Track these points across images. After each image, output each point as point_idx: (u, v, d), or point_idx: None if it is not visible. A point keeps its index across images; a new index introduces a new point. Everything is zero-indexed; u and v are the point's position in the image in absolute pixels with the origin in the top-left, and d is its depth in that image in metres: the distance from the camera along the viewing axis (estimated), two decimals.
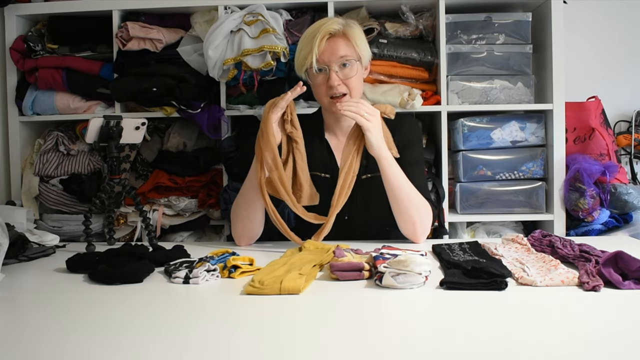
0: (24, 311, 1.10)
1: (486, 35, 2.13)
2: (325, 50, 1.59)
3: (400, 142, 1.68)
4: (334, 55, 1.59)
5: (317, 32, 1.59)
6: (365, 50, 1.66)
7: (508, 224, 2.19)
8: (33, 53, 2.18)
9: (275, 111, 1.56)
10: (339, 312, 1.05)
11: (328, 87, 1.61)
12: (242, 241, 1.67)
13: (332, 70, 1.59)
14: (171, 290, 1.21)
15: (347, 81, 1.61)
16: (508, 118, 2.14)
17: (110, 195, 1.63)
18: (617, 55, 2.48)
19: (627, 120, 2.45)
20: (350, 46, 1.61)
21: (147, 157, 2.21)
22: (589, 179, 2.02)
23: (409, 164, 1.67)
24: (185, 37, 2.17)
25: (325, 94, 1.63)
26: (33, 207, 2.17)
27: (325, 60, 1.60)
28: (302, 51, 1.62)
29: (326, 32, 1.59)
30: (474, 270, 1.14)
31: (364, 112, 1.54)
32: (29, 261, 1.50)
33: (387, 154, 1.57)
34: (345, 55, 1.60)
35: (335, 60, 1.59)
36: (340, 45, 1.60)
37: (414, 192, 1.59)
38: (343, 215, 1.66)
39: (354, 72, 1.62)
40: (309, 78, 1.66)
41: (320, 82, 1.62)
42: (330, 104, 1.63)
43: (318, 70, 1.61)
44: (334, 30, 1.60)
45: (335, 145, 1.73)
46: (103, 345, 0.88)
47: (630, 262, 1.12)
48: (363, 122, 1.53)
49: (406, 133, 1.72)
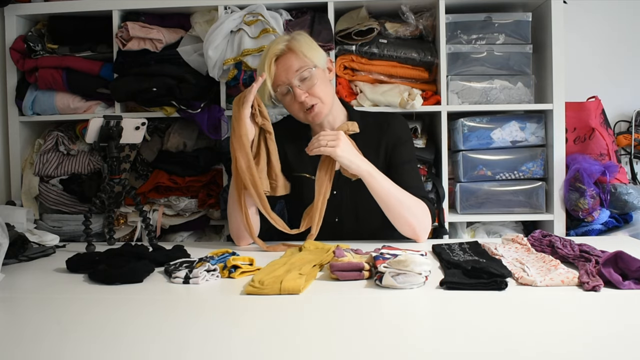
0: (24, 311, 1.10)
1: (486, 35, 2.13)
2: (278, 72, 1.62)
3: (390, 142, 1.69)
4: (289, 72, 1.61)
5: (264, 60, 1.63)
6: (317, 54, 1.65)
7: (508, 224, 2.19)
8: (33, 53, 2.18)
9: (246, 106, 1.58)
10: (339, 312, 1.05)
11: (298, 103, 1.63)
12: (241, 242, 1.67)
13: (294, 87, 1.61)
14: (171, 290, 1.21)
15: (312, 91, 1.62)
16: (508, 118, 2.14)
17: (110, 195, 1.64)
18: (617, 55, 2.48)
19: (627, 120, 2.45)
20: (299, 58, 1.62)
21: (147, 157, 2.21)
22: (589, 179, 2.02)
23: (401, 163, 1.67)
24: (185, 37, 2.17)
25: (299, 110, 1.65)
26: (33, 207, 2.17)
27: (284, 80, 1.61)
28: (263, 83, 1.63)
29: (272, 55, 1.62)
30: (474, 270, 1.14)
31: (325, 141, 1.55)
32: (29, 261, 1.51)
33: (366, 168, 1.57)
34: (299, 68, 1.61)
35: (292, 76, 1.61)
36: (290, 60, 1.61)
37: (403, 196, 1.59)
38: (333, 217, 1.66)
39: (315, 80, 1.62)
40: (277, 104, 1.70)
41: (290, 102, 1.65)
42: (306, 117, 1.65)
43: (282, 93, 1.63)
44: (279, 50, 1.62)
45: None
46: (103, 345, 0.88)
47: (630, 262, 1.12)
48: (329, 151, 1.55)
49: (395, 132, 1.71)
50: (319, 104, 1.62)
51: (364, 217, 1.70)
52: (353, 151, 1.58)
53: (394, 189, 1.59)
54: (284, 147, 1.72)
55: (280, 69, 1.62)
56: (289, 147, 1.73)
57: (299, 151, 1.69)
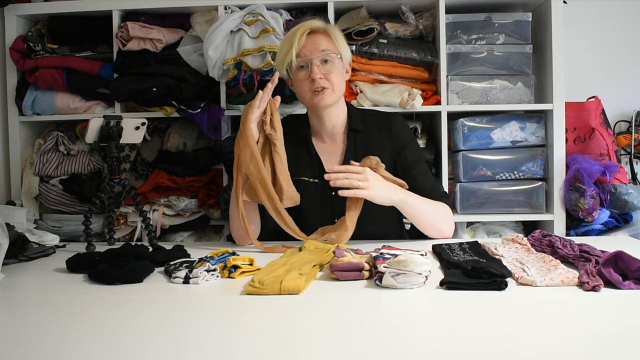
0: (24, 311, 1.10)
1: (486, 35, 2.13)
2: (306, 44, 1.60)
3: (395, 145, 1.68)
4: (315, 49, 1.59)
5: (298, 30, 1.60)
6: (346, 50, 1.66)
7: (508, 224, 2.19)
8: (33, 53, 2.18)
9: (252, 111, 1.56)
10: (339, 312, 1.05)
11: (310, 80, 1.60)
12: (242, 241, 1.67)
13: (313, 64, 1.59)
14: (171, 290, 1.21)
15: (328, 76, 1.60)
16: (508, 118, 2.14)
17: (110, 195, 1.63)
18: (617, 55, 2.48)
19: (627, 120, 2.45)
20: (331, 42, 1.62)
21: (147, 157, 2.21)
22: (589, 179, 2.02)
23: (411, 165, 1.67)
24: (185, 37, 2.17)
25: (307, 89, 1.61)
26: (33, 207, 2.17)
27: (307, 54, 1.59)
28: (283, 49, 1.62)
29: (307, 28, 1.60)
30: (474, 270, 1.14)
31: (357, 182, 1.50)
32: (29, 261, 1.50)
33: (399, 197, 1.55)
34: (326, 49, 1.60)
35: (316, 55, 1.59)
36: (320, 40, 1.61)
37: (431, 206, 1.61)
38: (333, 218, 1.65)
39: (335, 67, 1.61)
40: (291, 75, 1.64)
41: (302, 77, 1.61)
42: (312, 98, 1.61)
43: (299, 66, 1.60)
44: (315, 27, 1.62)
45: (321, 149, 1.71)
46: (103, 345, 0.88)
47: (630, 262, 1.12)
48: (363, 194, 1.51)
49: (398, 133, 1.70)
50: (329, 89, 1.61)
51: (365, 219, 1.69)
52: (383, 184, 1.54)
53: (423, 204, 1.60)
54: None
55: (308, 42, 1.60)
56: (288, 151, 1.71)
57: (297, 154, 1.68)
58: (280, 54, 1.64)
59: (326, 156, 1.70)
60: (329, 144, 1.71)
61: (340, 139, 1.71)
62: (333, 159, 1.70)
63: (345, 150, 1.68)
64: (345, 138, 1.70)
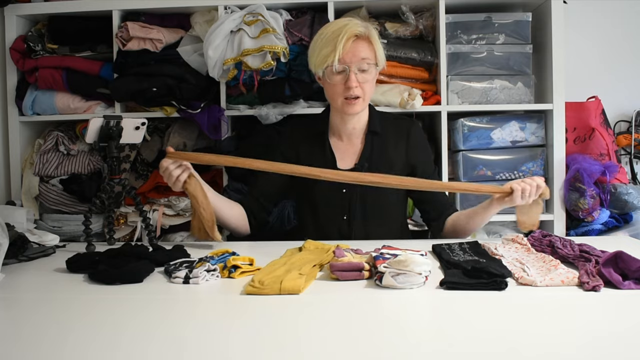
0: (24, 311, 1.10)
1: (486, 35, 2.13)
2: (349, 51, 1.58)
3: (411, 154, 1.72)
4: (356, 57, 1.59)
5: (342, 32, 1.57)
6: (382, 57, 1.66)
7: (508, 224, 2.19)
8: (33, 53, 2.18)
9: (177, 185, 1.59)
10: (339, 312, 1.05)
11: (345, 87, 1.60)
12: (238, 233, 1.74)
13: (352, 72, 1.58)
14: (171, 290, 1.21)
15: (363, 85, 1.61)
16: (508, 118, 2.14)
17: (110, 195, 1.63)
18: (617, 55, 2.48)
19: (627, 120, 2.45)
20: (372, 50, 1.61)
21: (147, 157, 2.21)
22: (589, 179, 2.02)
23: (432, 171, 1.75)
24: (185, 37, 2.17)
25: (340, 94, 1.61)
26: (33, 207, 2.17)
27: (347, 60, 1.58)
28: (324, 49, 1.59)
29: (352, 33, 1.58)
30: (474, 270, 1.14)
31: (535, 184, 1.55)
32: (29, 261, 1.50)
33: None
34: (366, 58, 1.60)
35: (356, 62, 1.59)
36: (363, 47, 1.60)
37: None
38: (341, 216, 1.66)
39: (371, 76, 1.62)
40: (325, 76, 1.63)
41: (336, 82, 1.61)
42: (344, 105, 1.62)
43: (336, 70, 1.59)
44: (360, 32, 1.59)
45: (337, 147, 1.72)
46: (103, 345, 0.88)
47: (630, 262, 1.12)
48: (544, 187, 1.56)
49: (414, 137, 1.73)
50: (361, 98, 1.61)
51: (373, 217, 1.69)
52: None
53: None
54: (298, 148, 1.72)
55: (351, 48, 1.58)
56: (303, 148, 1.72)
57: (312, 151, 1.70)
58: (319, 53, 1.61)
59: (340, 154, 1.71)
60: (345, 143, 1.72)
61: (358, 139, 1.72)
62: (347, 158, 1.71)
63: (362, 151, 1.70)
64: (363, 139, 1.71)
